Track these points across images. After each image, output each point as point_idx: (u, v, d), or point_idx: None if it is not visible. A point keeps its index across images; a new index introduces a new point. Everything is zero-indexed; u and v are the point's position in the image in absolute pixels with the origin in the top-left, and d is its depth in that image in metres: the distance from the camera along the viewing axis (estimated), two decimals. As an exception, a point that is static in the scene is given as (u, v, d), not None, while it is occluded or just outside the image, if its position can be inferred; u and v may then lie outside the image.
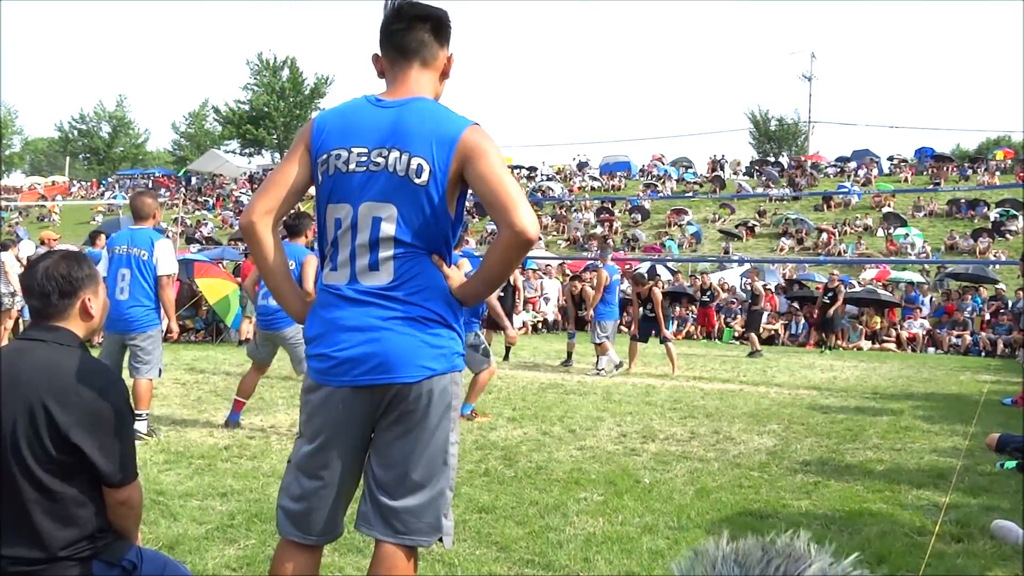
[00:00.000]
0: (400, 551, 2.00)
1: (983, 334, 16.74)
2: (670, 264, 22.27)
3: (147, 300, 5.44)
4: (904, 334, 17.22)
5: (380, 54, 2.12)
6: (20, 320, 11.30)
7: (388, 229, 1.97)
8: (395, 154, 1.97)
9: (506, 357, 11.75)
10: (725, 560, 1.14)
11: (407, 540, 2.00)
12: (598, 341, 10.27)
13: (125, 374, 5.05)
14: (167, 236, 5.35)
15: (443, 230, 2.02)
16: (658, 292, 10.84)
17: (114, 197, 42.38)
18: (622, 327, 14.68)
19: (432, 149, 1.96)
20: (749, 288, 16.01)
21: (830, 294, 15.98)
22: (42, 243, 13.00)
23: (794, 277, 20.93)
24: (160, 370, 5.62)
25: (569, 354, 11.50)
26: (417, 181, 1.95)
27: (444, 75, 2.15)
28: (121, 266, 5.42)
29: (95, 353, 2.74)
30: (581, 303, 11.23)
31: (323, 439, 2.02)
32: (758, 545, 1.16)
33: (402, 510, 1.99)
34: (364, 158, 1.99)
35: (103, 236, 12.28)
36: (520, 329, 18.17)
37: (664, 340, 10.85)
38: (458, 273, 2.08)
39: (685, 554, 1.20)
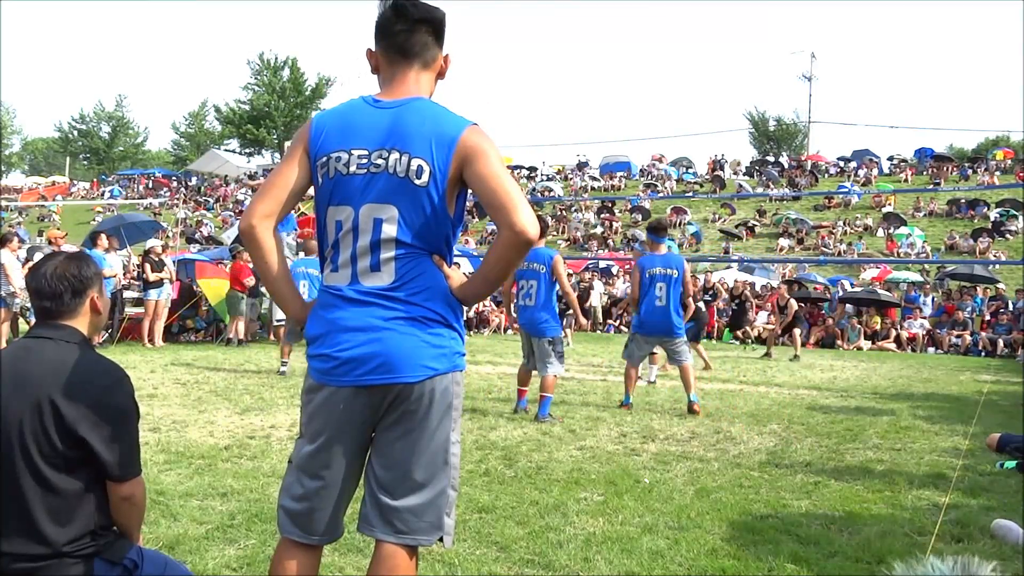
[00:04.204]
0: (401, 551, 2.00)
1: (983, 334, 16.75)
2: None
3: None
4: (904, 334, 17.22)
5: (376, 51, 2.11)
6: (24, 320, 11.30)
7: (389, 230, 1.97)
8: (395, 155, 1.97)
9: None
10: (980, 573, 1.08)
11: (408, 539, 2.00)
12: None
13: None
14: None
15: (443, 230, 2.02)
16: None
17: (113, 195, 42.41)
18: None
19: (432, 150, 1.96)
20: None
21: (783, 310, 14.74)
22: (49, 242, 13.04)
23: (794, 277, 20.94)
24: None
25: None
26: (417, 182, 1.96)
27: (440, 75, 2.16)
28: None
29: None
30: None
31: (324, 439, 2.02)
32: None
33: (403, 509, 1.99)
34: (364, 160, 1.99)
35: (103, 236, 12.32)
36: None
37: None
38: (458, 273, 2.09)
39: (947, 558, 1.14)
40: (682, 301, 7.30)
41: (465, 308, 2.19)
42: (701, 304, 11.99)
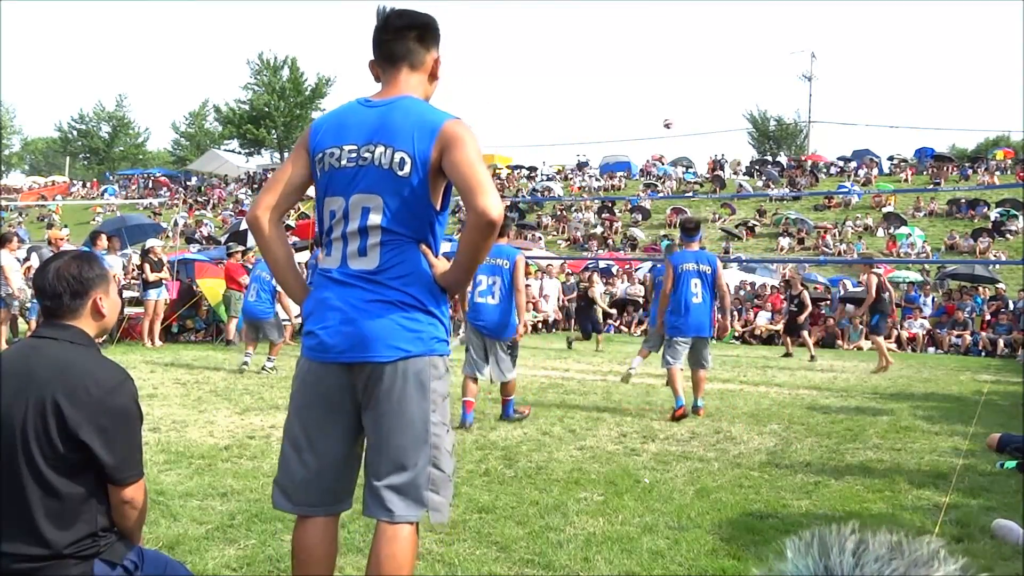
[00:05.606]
0: (394, 528, 2.12)
1: (983, 334, 16.73)
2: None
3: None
4: (904, 334, 17.21)
5: (374, 61, 2.29)
6: (23, 320, 11.30)
7: (375, 218, 2.13)
8: (380, 149, 2.14)
9: None
10: (842, 551, 1.11)
11: (395, 518, 2.12)
12: None
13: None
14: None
15: (426, 219, 2.17)
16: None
17: (109, 193, 42.33)
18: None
19: (414, 141, 2.12)
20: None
21: (795, 301, 15.00)
22: (49, 243, 13.04)
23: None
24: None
25: None
26: (400, 173, 2.12)
27: (433, 76, 2.32)
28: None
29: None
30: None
31: (298, 406, 2.21)
32: (884, 542, 1.12)
33: (385, 488, 2.12)
34: (354, 154, 2.16)
35: (103, 236, 12.30)
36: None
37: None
38: (443, 262, 2.22)
39: (804, 535, 1.16)
40: (718, 297, 7.20)
41: (451, 296, 2.29)
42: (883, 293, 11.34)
